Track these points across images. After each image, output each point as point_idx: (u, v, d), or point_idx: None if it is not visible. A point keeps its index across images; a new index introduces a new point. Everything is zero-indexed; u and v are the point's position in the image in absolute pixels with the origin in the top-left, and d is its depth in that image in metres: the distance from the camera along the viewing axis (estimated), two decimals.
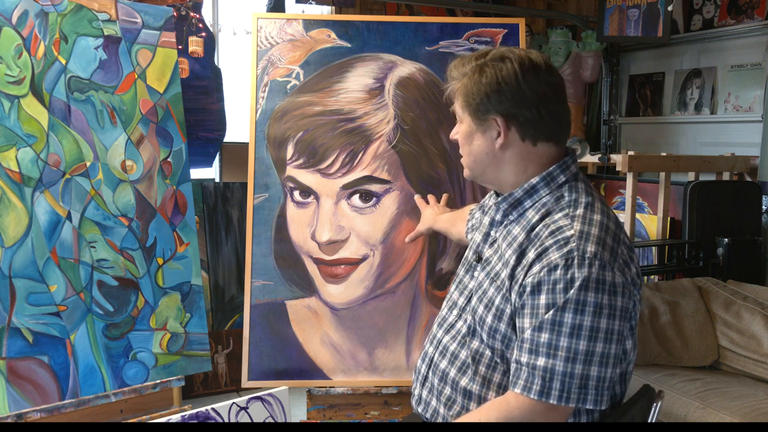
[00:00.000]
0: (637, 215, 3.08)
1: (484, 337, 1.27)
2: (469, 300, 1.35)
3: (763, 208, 2.96)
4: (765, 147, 3.11)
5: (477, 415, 1.21)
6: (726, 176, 3.11)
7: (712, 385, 2.15)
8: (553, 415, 1.15)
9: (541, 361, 1.14)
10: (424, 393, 1.39)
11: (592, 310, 1.12)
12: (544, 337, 1.14)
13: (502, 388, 1.26)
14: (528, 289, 1.17)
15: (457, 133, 1.35)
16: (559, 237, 1.17)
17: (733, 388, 2.14)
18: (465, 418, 1.24)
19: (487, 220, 1.39)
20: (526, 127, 1.26)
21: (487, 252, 1.34)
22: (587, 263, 1.13)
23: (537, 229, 1.22)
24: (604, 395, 1.15)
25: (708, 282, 2.52)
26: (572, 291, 1.12)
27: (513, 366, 1.19)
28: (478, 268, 1.35)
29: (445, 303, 1.45)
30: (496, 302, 1.25)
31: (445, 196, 2.04)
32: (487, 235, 1.37)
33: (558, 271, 1.14)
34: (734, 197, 2.89)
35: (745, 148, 3.31)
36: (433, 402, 1.36)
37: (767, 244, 2.92)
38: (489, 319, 1.25)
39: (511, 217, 1.30)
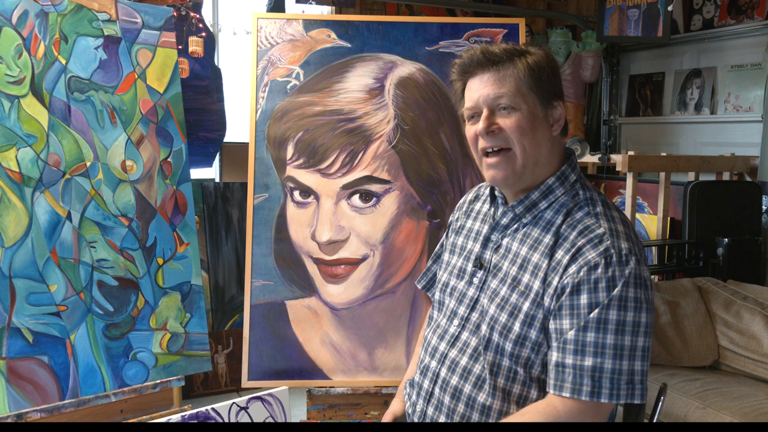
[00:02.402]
0: (637, 215, 3.08)
1: (508, 346, 1.21)
2: (472, 309, 1.30)
3: (763, 208, 2.96)
4: (765, 147, 3.10)
5: (519, 419, 1.17)
6: (726, 176, 3.11)
7: (712, 385, 2.15)
8: (600, 414, 1.15)
9: (588, 361, 1.12)
10: (430, 410, 1.32)
11: (634, 305, 1.12)
12: (591, 336, 1.12)
13: (522, 399, 1.22)
14: (567, 290, 1.15)
15: (513, 123, 1.21)
16: (591, 236, 1.17)
17: (733, 388, 2.14)
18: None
19: (482, 226, 1.36)
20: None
21: (494, 258, 1.29)
22: (625, 260, 1.13)
23: (562, 229, 1.21)
24: (645, 389, 1.14)
25: (708, 282, 2.51)
26: (616, 289, 1.12)
27: (554, 370, 1.16)
28: (478, 275, 1.31)
29: (440, 313, 1.38)
30: (525, 308, 1.20)
31: None
32: (487, 240, 1.32)
33: (599, 270, 1.13)
34: (734, 197, 2.89)
35: (745, 148, 3.31)
36: (441, 419, 1.29)
37: (767, 244, 2.92)
38: (516, 327, 1.20)
39: (524, 220, 1.27)
